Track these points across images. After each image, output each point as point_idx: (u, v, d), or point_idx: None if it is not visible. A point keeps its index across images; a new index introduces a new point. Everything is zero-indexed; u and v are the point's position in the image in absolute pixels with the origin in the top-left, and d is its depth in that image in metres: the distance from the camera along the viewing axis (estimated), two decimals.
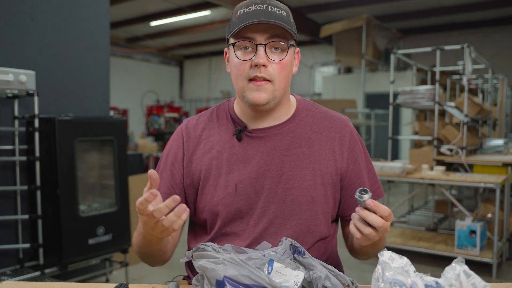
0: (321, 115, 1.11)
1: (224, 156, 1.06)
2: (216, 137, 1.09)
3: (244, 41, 0.98)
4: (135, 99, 11.83)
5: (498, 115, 5.63)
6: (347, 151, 1.08)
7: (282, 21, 0.97)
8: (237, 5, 1.02)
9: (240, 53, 0.99)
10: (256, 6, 0.98)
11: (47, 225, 2.65)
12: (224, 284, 0.72)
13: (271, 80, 0.99)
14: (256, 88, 0.98)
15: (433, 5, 8.06)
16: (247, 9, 0.98)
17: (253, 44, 0.97)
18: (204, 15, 8.78)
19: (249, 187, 1.03)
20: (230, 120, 1.10)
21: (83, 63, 3.09)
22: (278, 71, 0.99)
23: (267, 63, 0.97)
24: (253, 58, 0.97)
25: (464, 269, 0.73)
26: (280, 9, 0.99)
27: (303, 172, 1.04)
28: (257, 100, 0.99)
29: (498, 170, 3.81)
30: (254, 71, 0.98)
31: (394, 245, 3.65)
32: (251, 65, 0.98)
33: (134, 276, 3.25)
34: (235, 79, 1.02)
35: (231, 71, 1.04)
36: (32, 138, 2.61)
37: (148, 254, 1.02)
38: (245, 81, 0.99)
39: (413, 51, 4.45)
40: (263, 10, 0.97)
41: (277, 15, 0.97)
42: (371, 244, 0.95)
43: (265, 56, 0.97)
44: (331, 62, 10.05)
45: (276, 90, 1.00)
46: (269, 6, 0.98)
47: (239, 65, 0.99)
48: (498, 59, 8.53)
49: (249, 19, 0.96)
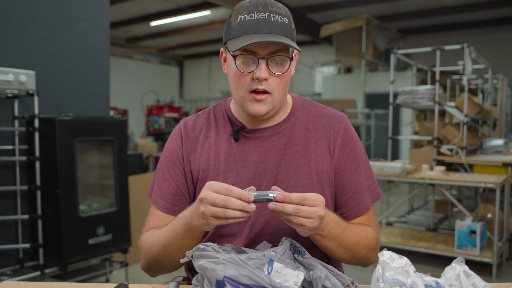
0: (317, 113, 1.11)
1: (221, 157, 1.06)
2: (213, 138, 1.09)
3: (246, 55, 0.96)
4: (135, 99, 11.82)
5: (498, 115, 5.63)
6: (339, 147, 1.07)
7: (285, 32, 0.96)
8: (237, 7, 0.99)
9: (241, 64, 0.98)
10: (258, 14, 0.95)
11: (47, 225, 2.65)
12: (224, 284, 0.72)
13: (270, 92, 0.98)
14: (256, 101, 0.99)
15: (433, 5, 8.06)
16: (249, 17, 0.95)
17: (255, 58, 0.96)
18: (204, 15, 8.78)
19: (246, 187, 1.03)
20: (227, 121, 1.10)
21: (83, 63, 3.09)
22: (278, 82, 0.99)
23: (268, 77, 0.97)
24: (254, 71, 0.96)
25: (464, 269, 0.73)
26: (282, 16, 0.97)
27: (299, 170, 1.04)
28: (257, 112, 0.99)
29: (498, 170, 3.81)
30: (255, 83, 0.97)
31: (394, 245, 3.65)
32: (252, 77, 0.97)
33: (134, 276, 3.25)
34: (235, 88, 1.01)
35: (230, 78, 1.03)
36: (32, 138, 2.61)
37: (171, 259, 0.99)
38: (246, 92, 0.99)
39: (413, 51, 4.45)
40: (266, 20, 0.94)
41: (279, 25, 0.95)
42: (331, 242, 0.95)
43: (267, 70, 0.96)
44: (331, 62, 10.05)
45: (276, 101, 1.00)
46: (271, 14, 0.95)
47: (240, 77, 0.98)
48: (498, 59, 8.53)
49: (251, 30, 0.94)
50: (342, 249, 0.98)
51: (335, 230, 0.95)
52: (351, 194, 1.07)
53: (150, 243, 1.02)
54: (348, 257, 1.01)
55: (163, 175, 1.10)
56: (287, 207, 0.83)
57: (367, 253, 1.03)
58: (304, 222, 0.84)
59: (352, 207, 1.07)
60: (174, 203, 1.07)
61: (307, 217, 0.84)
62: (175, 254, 0.98)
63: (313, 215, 0.84)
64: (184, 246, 0.95)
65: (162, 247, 0.99)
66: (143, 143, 8.15)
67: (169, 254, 0.99)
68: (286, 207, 0.83)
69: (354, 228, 1.01)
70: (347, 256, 1.01)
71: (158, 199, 1.09)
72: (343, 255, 1.00)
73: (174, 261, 1.00)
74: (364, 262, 1.06)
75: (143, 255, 1.06)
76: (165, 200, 1.08)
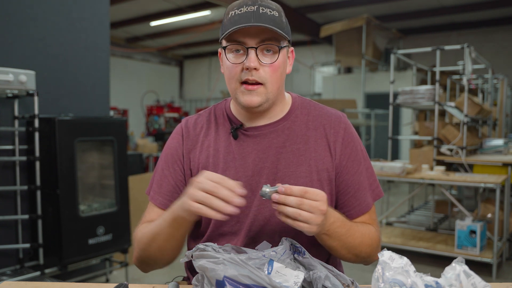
0: (317, 112, 1.11)
1: (220, 154, 1.07)
2: (213, 136, 1.10)
3: (235, 45, 0.98)
4: (135, 99, 11.82)
5: (498, 115, 5.63)
6: (340, 146, 1.07)
7: (273, 22, 0.96)
8: (229, 6, 1.01)
9: (232, 56, 0.99)
10: (247, 7, 0.96)
11: (47, 225, 2.65)
12: (224, 284, 0.72)
13: (263, 83, 0.99)
14: (248, 92, 0.99)
15: (433, 5, 8.06)
16: (238, 11, 0.97)
17: (244, 48, 0.97)
18: (204, 15, 8.79)
19: (245, 185, 1.03)
20: (226, 119, 1.11)
21: (83, 63, 3.09)
22: (270, 73, 0.99)
23: (258, 67, 0.97)
24: (244, 61, 0.97)
25: (464, 269, 0.73)
26: (272, 10, 0.98)
27: (299, 169, 1.04)
28: (249, 103, 1.00)
29: (498, 170, 3.81)
30: (245, 74, 0.98)
31: (394, 245, 3.65)
32: (242, 68, 0.98)
33: (134, 276, 3.25)
34: (228, 81, 1.03)
35: (224, 73, 1.04)
36: (32, 138, 2.61)
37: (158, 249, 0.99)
38: (237, 83, 1.00)
39: (413, 51, 4.45)
40: (254, 12, 0.96)
41: (268, 16, 0.96)
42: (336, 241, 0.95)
43: (256, 59, 0.97)
44: (331, 62, 10.05)
45: (269, 93, 1.00)
46: (260, 7, 0.96)
47: (231, 68, 0.99)
48: (498, 59, 8.53)
49: (240, 22, 0.95)
50: (347, 248, 0.99)
51: (340, 230, 0.95)
52: (353, 193, 1.07)
53: (141, 234, 1.03)
54: (352, 256, 1.02)
55: (162, 172, 1.11)
56: (289, 198, 0.83)
57: (370, 252, 1.04)
58: (307, 217, 0.84)
59: (354, 206, 1.07)
60: (171, 200, 1.07)
61: (310, 211, 0.84)
62: (161, 243, 0.98)
63: (315, 209, 0.84)
64: (171, 236, 0.95)
65: (151, 236, 0.99)
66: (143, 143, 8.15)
67: (156, 243, 0.98)
68: (289, 199, 0.83)
69: (358, 227, 1.01)
70: (351, 255, 1.01)
71: (156, 195, 1.09)
72: (347, 254, 1.00)
73: (162, 252, 1.00)
74: (366, 260, 1.07)
75: (135, 247, 1.07)
76: (163, 196, 1.09)
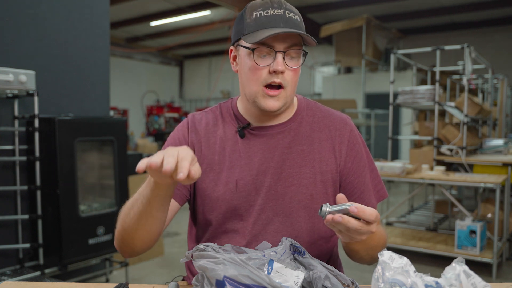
0: (322, 114, 1.12)
1: (226, 152, 1.07)
2: (219, 134, 1.10)
3: (263, 48, 0.98)
4: (135, 99, 11.83)
5: (498, 115, 5.63)
6: (346, 149, 1.08)
7: (299, 27, 0.99)
8: (249, 5, 1.01)
9: (258, 58, 0.99)
10: (273, 10, 0.98)
11: (47, 225, 2.65)
12: (224, 284, 0.72)
13: (285, 86, 1.00)
14: (269, 97, 1.00)
15: (433, 5, 8.06)
16: (264, 13, 0.98)
17: (272, 51, 0.98)
18: (204, 15, 8.78)
19: (250, 183, 1.04)
20: (233, 118, 1.11)
21: (83, 63, 3.09)
22: (291, 77, 1.01)
23: (284, 70, 0.99)
24: (271, 64, 0.98)
25: (464, 269, 0.73)
26: (295, 14, 1.00)
27: (303, 170, 1.05)
28: (271, 108, 1.01)
29: (498, 170, 3.81)
30: (271, 77, 0.99)
31: (394, 245, 3.64)
32: (268, 71, 0.99)
33: (134, 276, 3.25)
34: (249, 83, 1.02)
35: (243, 73, 1.03)
36: (32, 138, 2.61)
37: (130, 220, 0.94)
38: (260, 86, 1.00)
39: (413, 51, 4.45)
40: (282, 16, 0.98)
41: (293, 21, 0.99)
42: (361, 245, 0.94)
43: (283, 63, 0.98)
44: (331, 62, 10.04)
45: (288, 96, 1.02)
46: (286, 11, 0.99)
47: (255, 70, 1.00)
48: (498, 59, 8.53)
49: (268, 25, 0.97)
50: (367, 250, 0.98)
51: None
52: (359, 195, 1.08)
53: (122, 210, 0.99)
54: (369, 258, 1.01)
55: None
56: (352, 222, 0.81)
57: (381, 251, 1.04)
58: (357, 237, 0.84)
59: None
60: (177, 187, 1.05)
61: (362, 233, 0.83)
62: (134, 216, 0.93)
63: (367, 233, 0.83)
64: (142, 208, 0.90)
65: (127, 209, 0.95)
66: (143, 143, 8.16)
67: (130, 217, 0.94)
68: (352, 223, 0.81)
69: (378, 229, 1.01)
70: (368, 257, 1.01)
71: None
72: (365, 256, 1.00)
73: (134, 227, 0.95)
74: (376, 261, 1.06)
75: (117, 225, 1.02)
76: None
